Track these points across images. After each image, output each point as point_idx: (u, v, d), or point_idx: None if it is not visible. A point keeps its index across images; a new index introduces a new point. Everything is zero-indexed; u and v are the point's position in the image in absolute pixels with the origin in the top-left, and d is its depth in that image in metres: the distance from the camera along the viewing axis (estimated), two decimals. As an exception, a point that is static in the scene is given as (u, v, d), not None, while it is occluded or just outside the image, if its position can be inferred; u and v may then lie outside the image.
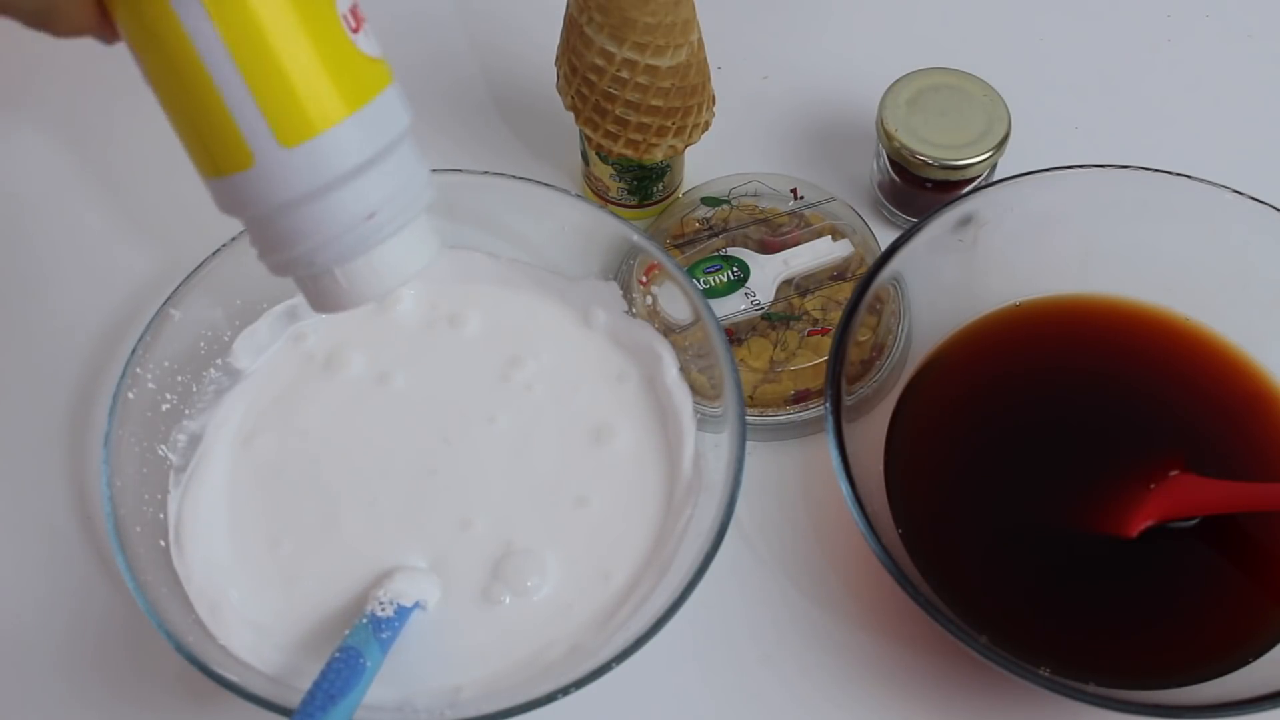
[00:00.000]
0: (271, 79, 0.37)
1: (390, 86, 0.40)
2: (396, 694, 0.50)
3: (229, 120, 0.37)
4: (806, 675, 0.55)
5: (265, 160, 0.37)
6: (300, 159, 0.37)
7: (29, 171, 0.69)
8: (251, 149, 0.37)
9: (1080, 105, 0.72)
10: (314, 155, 0.38)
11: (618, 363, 0.59)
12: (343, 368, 0.58)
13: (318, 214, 0.39)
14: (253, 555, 0.54)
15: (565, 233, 0.60)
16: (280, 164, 0.37)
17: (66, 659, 0.55)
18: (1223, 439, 0.58)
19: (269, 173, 0.38)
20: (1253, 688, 0.48)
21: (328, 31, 0.38)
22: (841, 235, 0.63)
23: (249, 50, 0.36)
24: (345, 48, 0.38)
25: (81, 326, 0.63)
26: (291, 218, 0.39)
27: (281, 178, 0.38)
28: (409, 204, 0.40)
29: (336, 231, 0.39)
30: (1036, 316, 0.61)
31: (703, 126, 0.62)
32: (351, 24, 0.38)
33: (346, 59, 0.38)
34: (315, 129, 0.37)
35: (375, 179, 0.39)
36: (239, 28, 0.36)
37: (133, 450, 0.54)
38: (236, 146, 0.37)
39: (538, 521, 0.54)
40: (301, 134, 0.37)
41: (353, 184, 0.39)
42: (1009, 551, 0.55)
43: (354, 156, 0.38)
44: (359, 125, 0.38)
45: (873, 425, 0.57)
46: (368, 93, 0.39)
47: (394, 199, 0.40)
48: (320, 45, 0.37)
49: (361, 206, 0.39)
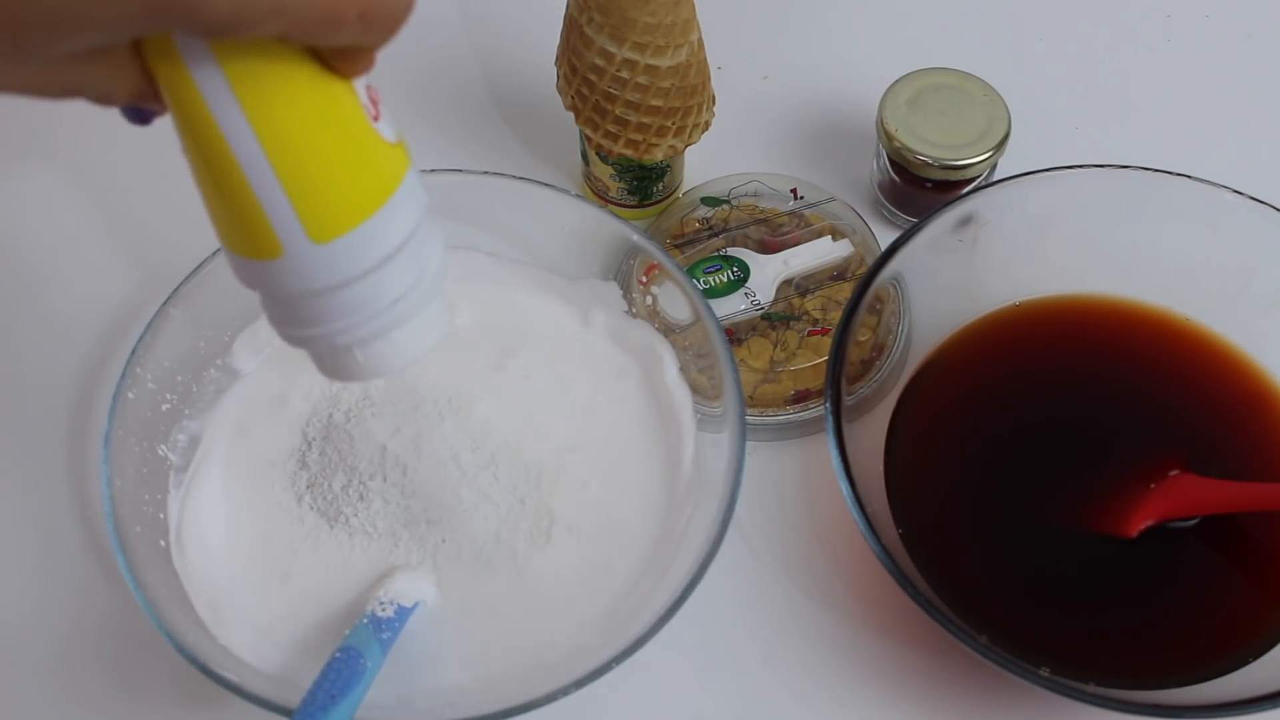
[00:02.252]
0: (305, 177, 0.36)
1: (410, 171, 0.39)
2: (396, 694, 0.50)
3: (260, 213, 0.36)
4: (807, 675, 0.55)
5: (295, 254, 0.37)
6: (330, 254, 0.37)
7: (29, 171, 0.69)
8: (282, 242, 0.37)
9: (1080, 105, 0.72)
10: (344, 250, 0.37)
11: (617, 362, 0.59)
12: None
13: (343, 302, 0.38)
14: (253, 555, 0.54)
15: (565, 233, 0.60)
16: (310, 258, 0.37)
17: (67, 659, 0.55)
18: (1223, 439, 0.58)
19: (298, 265, 0.37)
20: (1253, 688, 0.48)
21: (355, 126, 0.37)
22: (841, 235, 0.63)
23: (283, 148, 0.36)
24: (371, 140, 0.38)
25: (81, 326, 0.63)
26: (314, 304, 0.38)
27: (310, 271, 0.37)
28: (431, 286, 0.40)
29: (361, 319, 0.39)
30: (1036, 316, 0.61)
31: (703, 126, 0.62)
32: (372, 112, 0.38)
33: (373, 151, 0.38)
34: (346, 226, 0.37)
35: (401, 266, 0.39)
36: (274, 126, 0.35)
37: (133, 450, 0.54)
38: (266, 238, 0.37)
39: (537, 519, 0.54)
40: (332, 231, 0.37)
41: (379, 273, 0.38)
42: (1009, 551, 0.55)
43: (382, 249, 0.38)
44: (387, 217, 0.38)
45: (873, 425, 0.57)
46: (393, 183, 0.38)
47: (418, 284, 0.40)
48: (350, 141, 0.37)
49: (387, 294, 0.39)
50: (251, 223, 0.37)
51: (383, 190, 0.38)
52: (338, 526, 0.54)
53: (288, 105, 0.36)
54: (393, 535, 0.53)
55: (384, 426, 0.55)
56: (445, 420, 0.56)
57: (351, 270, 0.38)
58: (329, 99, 0.37)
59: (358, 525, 0.54)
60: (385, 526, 0.54)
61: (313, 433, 0.56)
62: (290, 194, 0.36)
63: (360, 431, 0.55)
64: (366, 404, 0.56)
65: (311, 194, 0.36)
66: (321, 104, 0.36)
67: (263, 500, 0.55)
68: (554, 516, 0.54)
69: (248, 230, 0.37)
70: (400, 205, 0.38)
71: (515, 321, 0.60)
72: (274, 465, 0.56)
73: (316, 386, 0.58)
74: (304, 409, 0.57)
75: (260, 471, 0.56)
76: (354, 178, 0.37)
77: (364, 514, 0.54)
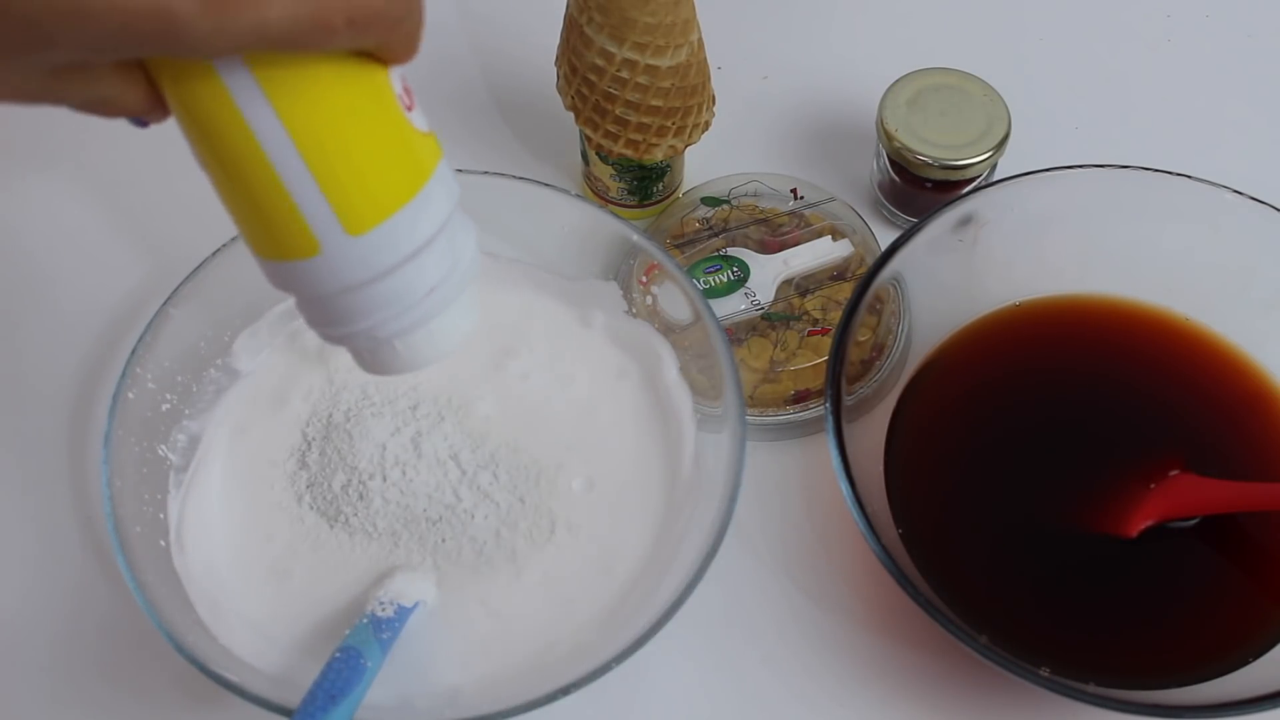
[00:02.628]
0: (338, 170, 0.36)
1: (442, 160, 0.39)
2: (396, 694, 0.50)
3: (294, 211, 0.36)
4: (807, 674, 0.55)
5: (331, 249, 0.37)
6: (367, 246, 0.37)
7: (29, 171, 0.69)
8: (318, 239, 0.36)
9: (1080, 105, 0.72)
10: (381, 241, 0.37)
11: (617, 362, 0.59)
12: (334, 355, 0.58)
13: (381, 294, 0.38)
14: (253, 555, 0.54)
15: (565, 233, 0.60)
16: (347, 252, 0.37)
17: (67, 659, 0.55)
18: (1223, 439, 0.58)
19: (334, 261, 0.37)
20: (1253, 688, 0.48)
21: (388, 116, 0.37)
22: (841, 235, 0.63)
23: (315, 143, 0.35)
24: (404, 129, 0.37)
25: (81, 326, 0.63)
26: (353, 299, 0.38)
27: (347, 265, 0.37)
28: (466, 272, 0.40)
29: (399, 309, 0.39)
30: (1036, 316, 0.61)
31: (703, 126, 0.62)
32: (406, 102, 0.38)
33: (407, 141, 0.38)
34: (382, 215, 0.37)
35: (436, 254, 0.39)
36: (305, 121, 0.35)
37: (133, 450, 0.54)
38: (301, 236, 0.36)
39: (537, 518, 0.54)
40: (368, 222, 0.37)
41: (415, 262, 0.38)
42: (1009, 551, 0.55)
43: (418, 238, 0.38)
44: (421, 204, 0.38)
45: (873, 425, 0.57)
46: (427, 171, 0.38)
47: (453, 271, 0.40)
48: (383, 131, 0.37)
49: (424, 283, 0.39)
50: (285, 223, 0.36)
51: (417, 178, 0.38)
52: (337, 526, 0.54)
53: (316, 97, 0.35)
54: (393, 535, 0.53)
55: (384, 426, 0.55)
56: (445, 420, 0.56)
57: (388, 260, 0.37)
58: (359, 88, 0.36)
59: (358, 525, 0.54)
60: (385, 526, 0.54)
61: (312, 432, 0.56)
62: (324, 187, 0.36)
63: (360, 431, 0.55)
64: (366, 404, 0.56)
65: (346, 185, 0.36)
66: (352, 93, 0.36)
67: (263, 500, 0.55)
68: (554, 516, 0.54)
69: (282, 231, 0.37)
70: (434, 192, 0.38)
71: (515, 321, 0.60)
72: (274, 465, 0.56)
73: (316, 386, 0.58)
74: (304, 409, 0.57)
75: (260, 471, 0.56)
76: (387, 165, 0.37)
77: (364, 513, 0.54)
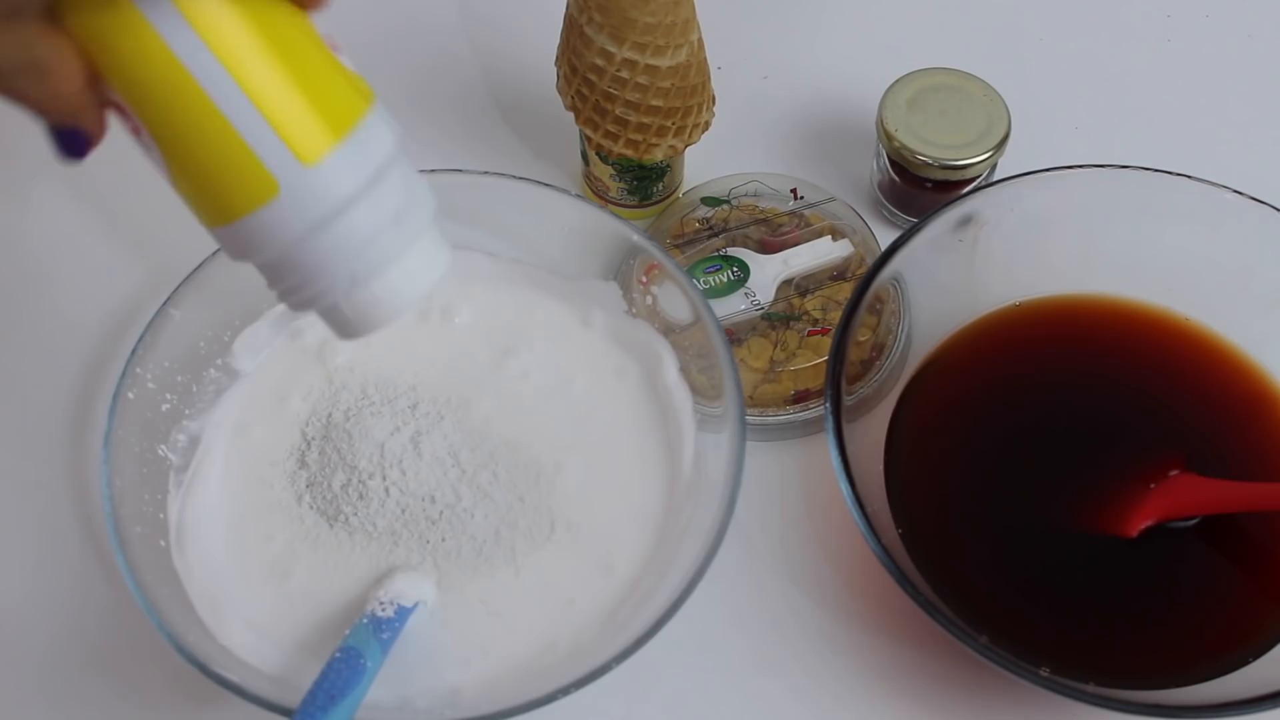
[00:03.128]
0: (282, 98, 0.35)
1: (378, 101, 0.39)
2: (396, 694, 0.50)
3: (246, 152, 0.35)
4: (807, 675, 0.55)
5: (290, 185, 0.36)
6: (324, 175, 0.36)
7: (29, 171, 0.69)
8: (275, 176, 0.36)
9: (1080, 105, 0.72)
10: (337, 166, 0.36)
11: (617, 362, 0.59)
12: (334, 355, 0.58)
13: (347, 230, 0.37)
14: (253, 555, 0.54)
15: (565, 233, 0.60)
16: (305, 184, 0.36)
17: (66, 659, 0.55)
18: (1223, 439, 0.58)
19: (295, 198, 0.36)
20: (1253, 688, 0.48)
21: (317, 45, 0.37)
22: (841, 235, 0.63)
23: (253, 73, 0.35)
24: (335, 61, 0.38)
25: (81, 326, 0.63)
26: (320, 242, 0.37)
27: (309, 200, 0.36)
28: (425, 200, 0.40)
29: (369, 242, 0.38)
30: (1036, 316, 0.61)
31: (703, 126, 0.62)
32: (333, 43, 0.38)
33: (340, 69, 0.38)
34: (332, 138, 0.36)
35: (394, 182, 0.38)
36: (238, 50, 0.35)
37: (133, 450, 0.54)
38: (258, 177, 0.36)
39: (537, 518, 0.54)
40: (320, 148, 0.36)
41: (375, 189, 0.38)
42: (1009, 551, 0.55)
43: (372, 161, 0.37)
44: (370, 129, 0.37)
45: (873, 425, 0.57)
46: (368, 96, 0.38)
47: (413, 196, 0.39)
48: (315, 58, 0.37)
49: (387, 209, 0.38)
50: (237, 165, 0.36)
51: (359, 102, 0.38)
52: (337, 526, 0.54)
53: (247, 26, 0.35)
54: (392, 534, 0.53)
55: (383, 425, 0.55)
56: (444, 419, 0.56)
57: (347, 187, 0.37)
58: (281, 17, 0.36)
59: (357, 524, 0.54)
60: (385, 525, 0.54)
61: (312, 432, 0.56)
62: (270, 119, 0.35)
63: (359, 430, 0.55)
64: (366, 403, 0.56)
65: (293, 114, 0.36)
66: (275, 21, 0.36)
67: (262, 500, 0.55)
68: (553, 515, 0.54)
69: (236, 177, 0.36)
70: (378, 119, 0.38)
71: (515, 321, 0.60)
72: (274, 465, 0.56)
73: (316, 386, 0.58)
74: (304, 408, 0.57)
75: (260, 471, 0.56)
76: (327, 90, 0.37)
77: (364, 513, 0.54)
